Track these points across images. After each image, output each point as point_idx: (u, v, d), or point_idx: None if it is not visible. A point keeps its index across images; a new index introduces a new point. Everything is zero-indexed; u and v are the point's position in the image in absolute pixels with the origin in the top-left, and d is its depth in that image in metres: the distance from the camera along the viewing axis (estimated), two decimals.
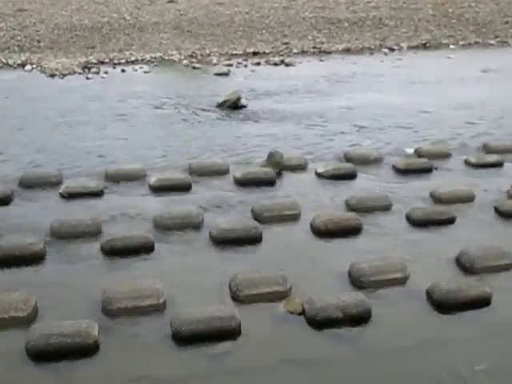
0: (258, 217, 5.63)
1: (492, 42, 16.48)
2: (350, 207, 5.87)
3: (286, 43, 16.14)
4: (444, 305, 4.30)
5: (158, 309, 4.25)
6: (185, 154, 7.48)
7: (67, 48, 14.99)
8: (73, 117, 9.17)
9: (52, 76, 12.22)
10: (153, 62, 14.07)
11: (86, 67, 12.92)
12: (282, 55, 14.97)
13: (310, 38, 16.88)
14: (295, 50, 15.46)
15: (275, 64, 13.90)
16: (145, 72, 13.04)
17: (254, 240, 5.21)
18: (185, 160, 7.19)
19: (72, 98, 10.35)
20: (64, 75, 12.28)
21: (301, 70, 13.22)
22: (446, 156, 7.40)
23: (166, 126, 8.75)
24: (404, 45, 16.13)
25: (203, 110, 9.66)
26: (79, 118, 9.09)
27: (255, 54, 15.12)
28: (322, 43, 16.25)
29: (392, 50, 15.66)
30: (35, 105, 9.82)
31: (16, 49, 14.62)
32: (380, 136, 8.21)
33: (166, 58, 14.57)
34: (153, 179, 6.42)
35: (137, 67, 13.45)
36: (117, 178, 6.54)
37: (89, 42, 15.62)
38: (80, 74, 12.46)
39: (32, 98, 10.23)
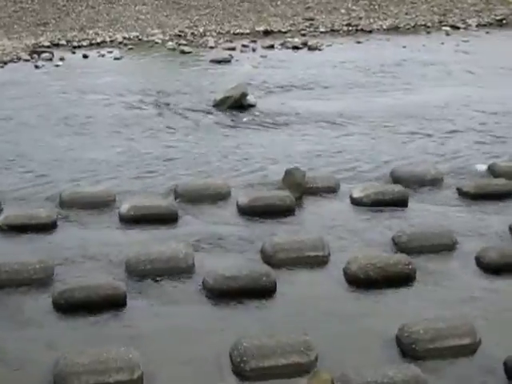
0: (270, 259, 5.62)
1: None
2: (399, 246, 5.85)
3: (310, 19, 16.27)
4: None
5: None
6: (169, 171, 7.50)
7: (10, 26, 15.15)
8: (14, 120, 9.23)
9: None
10: (126, 45, 14.19)
11: (35, 52, 13.05)
12: (304, 35, 15.08)
13: (342, 11, 17.02)
14: (322, 29, 15.57)
15: (295, 47, 14.00)
16: (115, 58, 13.15)
17: (265, 292, 5.19)
18: (169, 180, 7.21)
19: (15, 93, 10.43)
20: (5, 63, 12.40)
21: (330, 55, 13.30)
22: None
23: (143, 132, 8.79)
24: (472, 21, 16.22)
25: (195, 110, 9.70)
26: (24, 122, 9.15)
27: (267, 33, 15.24)
28: (360, 19, 16.36)
29: (456, 28, 15.76)
30: None
31: None
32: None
33: (145, 38, 14.70)
34: (124, 207, 6.43)
35: (104, 52, 13.57)
36: (75, 205, 6.56)
37: (39, 18, 15.79)
38: (27, 60, 12.59)
39: None
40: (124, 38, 14.61)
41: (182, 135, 8.70)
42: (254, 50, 13.86)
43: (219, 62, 12.75)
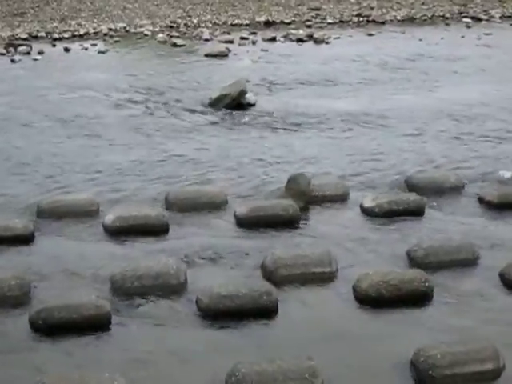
0: (271, 276, 5.61)
1: None
2: (415, 261, 5.85)
3: (316, 9, 16.30)
4: None
5: None
6: (159, 178, 7.50)
7: None
8: None
9: None
10: (112, 37, 14.21)
11: (12, 45, 13.07)
12: (309, 27, 15.11)
13: (352, 0, 17.06)
14: (330, 20, 15.61)
15: (299, 40, 14.02)
16: (99, 52, 13.17)
17: (266, 312, 5.19)
18: (158, 187, 7.21)
19: None
20: None
21: (339, 48, 13.31)
22: None
23: (130, 134, 8.78)
24: (495, 13, 16.25)
25: (188, 110, 9.70)
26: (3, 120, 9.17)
27: (268, 24, 15.27)
28: (371, 9, 16.40)
29: (478, 19, 15.79)
30: None
31: None
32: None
33: (133, 30, 14.73)
34: (109, 217, 6.43)
35: (87, 44, 13.59)
36: (54, 215, 6.56)
37: (16, 7, 15.83)
38: (2, 54, 12.61)
39: None
40: (109, 29, 14.64)
41: (173, 137, 8.70)
42: (253, 42, 13.88)
43: (215, 55, 12.77)
